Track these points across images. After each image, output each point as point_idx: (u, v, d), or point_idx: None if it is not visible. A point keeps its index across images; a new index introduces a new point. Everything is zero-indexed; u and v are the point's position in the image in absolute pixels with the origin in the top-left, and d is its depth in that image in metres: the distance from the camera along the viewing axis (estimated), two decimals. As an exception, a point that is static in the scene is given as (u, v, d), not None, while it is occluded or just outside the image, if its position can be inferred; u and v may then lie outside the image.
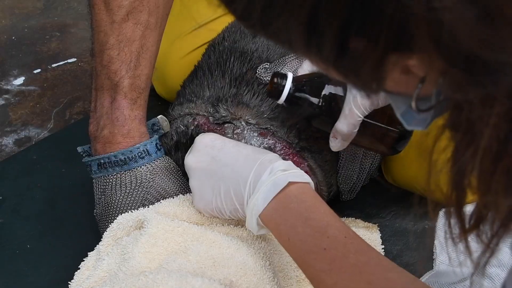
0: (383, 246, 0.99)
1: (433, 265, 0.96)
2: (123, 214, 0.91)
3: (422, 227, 1.04)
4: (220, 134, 0.94)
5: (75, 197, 1.08)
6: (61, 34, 1.50)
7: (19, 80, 1.37)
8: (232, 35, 1.09)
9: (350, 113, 0.87)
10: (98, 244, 0.91)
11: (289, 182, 0.79)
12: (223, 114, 0.96)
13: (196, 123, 0.98)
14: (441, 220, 0.97)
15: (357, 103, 0.86)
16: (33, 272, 0.97)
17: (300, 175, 0.81)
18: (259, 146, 0.94)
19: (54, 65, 1.41)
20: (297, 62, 0.98)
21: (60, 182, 1.11)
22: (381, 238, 1.00)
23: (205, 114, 0.98)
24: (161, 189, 0.95)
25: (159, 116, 1.00)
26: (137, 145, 0.93)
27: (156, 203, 0.92)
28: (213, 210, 0.87)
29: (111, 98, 0.94)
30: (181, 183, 0.97)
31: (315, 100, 0.89)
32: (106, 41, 0.94)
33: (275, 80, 0.90)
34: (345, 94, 0.88)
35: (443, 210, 0.51)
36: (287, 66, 0.98)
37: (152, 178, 0.94)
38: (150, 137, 0.96)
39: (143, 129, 0.96)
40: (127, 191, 0.93)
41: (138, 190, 0.93)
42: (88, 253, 0.92)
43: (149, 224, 0.86)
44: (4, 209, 1.07)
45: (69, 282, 0.90)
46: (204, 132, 0.96)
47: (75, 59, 1.43)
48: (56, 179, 1.12)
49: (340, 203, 1.06)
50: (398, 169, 1.05)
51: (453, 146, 0.48)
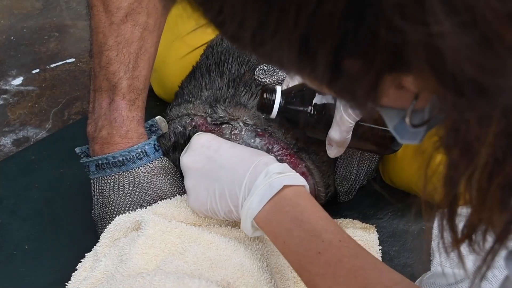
0: (381, 247, 0.99)
1: (431, 266, 0.96)
2: (121, 215, 0.90)
3: (420, 228, 1.04)
4: (218, 135, 0.94)
5: (73, 198, 1.08)
6: (60, 35, 1.50)
7: (18, 80, 1.37)
8: (231, 36, 1.09)
9: (342, 121, 0.87)
10: (96, 245, 0.91)
11: (284, 185, 0.79)
12: (221, 115, 0.96)
13: (194, 124, 0.98)
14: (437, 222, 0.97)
15: (348, 111, 0.86)
16: (30, 273, 0.97)
17: (296, 178, 0.81)
18: (257, 147, 0.94)
19: (53, 65, 1.41)
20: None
21: (58, 183, 1.11)
22: (379, 239, 1.00)
23: (203, 115, 0.98)
24: (159, 190, 0.95)
25: (157, 117, 1.00)
26: (135, 146, 0.93)
27: (154, 204, 0.92)
28: (208, 211, 0.88)
29: (109, 99, 0.94)
30: (179, 184, 0.97)
31: (307, 111, 0.89)
32: (105, 42, 0.94)
33: (265, 96, 0.89)
34: (336, 102, 0.88)
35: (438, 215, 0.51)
36: None
37: (150, 179, 0.94)
38: (148, 138, 0.96)
39: (141, 130, 0.96)
40: (125, 192, 0.93)
41: (136, 191, 0.93)
42: (86, 254, 0.92)
43: (147, 225, 0.86)
44: (2, 210, 1.07)
45: (66, 283, 0.90)
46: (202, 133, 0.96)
47: (74, 60, 1.43)
48: (54, 180, 1.11)
49: (338, 204, 1.06)
50: (396, 171, 1.05)
51: (448, 163, 0.47)
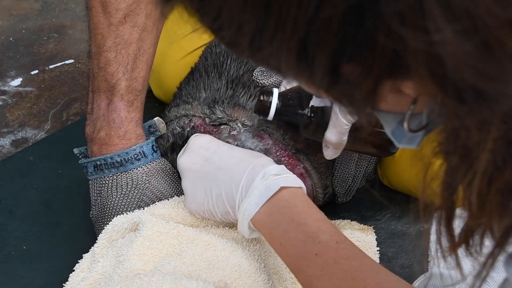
0: (379, 249, 0.99)
1: (428, 268, 0.96)
2: (118, 216, 0.90)
3: (418, 230, 1.04)
4: (216, 136, 0.94)
5: (71, 199, 1.08)
6: (59, 36, 1.50)
7: (17, 81, 1.37)
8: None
9: (338, 122, 0.87)
10: (93, 246, 0.91)
11: (281, 187, 0.79)
12: (219, 116, 0.96)
13: (192, 125, 0.98)
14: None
15: (344, 113, 0.86)
16: (28, 273, 0.97)
17: (293, 180, 0.81)
18: (255, 148, 0.94)
19: (52, 67, 1.41)
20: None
21: (57, 184, 1.11)
22: (377, 241, 1.00)
23: (201, 116, 0.98)
24: (157, 191, 0.95)
25: (156, 118, 1.00)
26: (133, 147, 0.93)
27: (152, 205, 0.92)
28: (205, 212, 0.88)
29: (108, 100, 0.94)
30: (177, 185, 0.97)
31: (304, 113, 0.89)
32: (103, 44, 0.94)
33: (262, 98, 0.90)
34: (332, 104, 0.88)
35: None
36: None
37: (148, 180, 0.94)
38: (147, 139, 0.96)
39: (140, 131, 0.96)
40: (123, 193, 0.93)
41: (134, 192, 0.93)
42: (83, 255, 0.92)
43: (144, 226, 0.86)
44: (0, 210, 1.07)
45: (64, 284, 0.90)
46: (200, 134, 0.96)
47: (73, 61, 1.42)
48: (53, 180, 1.11)
49: (336, 206, 1.06)
50: (394, 172, 1.05)
51: (447, 168, 0.47)
